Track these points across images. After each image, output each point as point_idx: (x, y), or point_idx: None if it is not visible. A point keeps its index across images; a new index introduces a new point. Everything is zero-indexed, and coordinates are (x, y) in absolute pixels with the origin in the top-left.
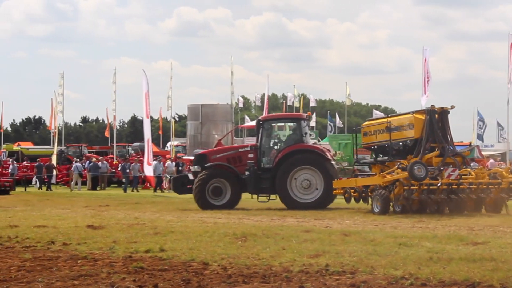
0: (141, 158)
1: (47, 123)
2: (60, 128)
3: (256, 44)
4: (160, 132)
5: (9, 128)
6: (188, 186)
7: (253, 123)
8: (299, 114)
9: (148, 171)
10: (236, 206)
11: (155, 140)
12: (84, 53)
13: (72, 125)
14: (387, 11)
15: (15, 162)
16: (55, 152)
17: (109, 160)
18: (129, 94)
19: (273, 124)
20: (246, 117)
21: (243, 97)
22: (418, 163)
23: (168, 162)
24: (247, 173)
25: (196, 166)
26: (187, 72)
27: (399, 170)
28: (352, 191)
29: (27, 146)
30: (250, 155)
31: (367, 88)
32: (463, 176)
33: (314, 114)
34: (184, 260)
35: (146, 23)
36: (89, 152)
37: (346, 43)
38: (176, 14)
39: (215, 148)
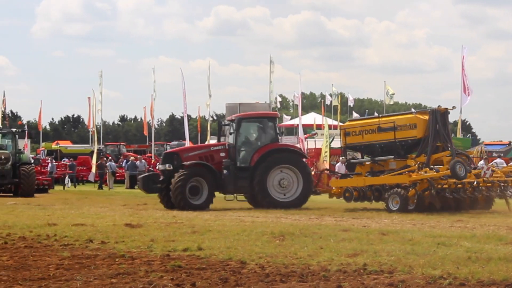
0: None
1: (86, 122)
2: (98, 126)
3: (295, 43)
4: (199, 131)
5: (48, 127)
6: (157, 185)
7: (293, 122)
8: (273, 113)
9: None
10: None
11: (193, 139)
12: (122, 52)
13: (111, 124)
14: (426, 10)
15: (54, 161)
16: (95, 151)
17: (147, 159)
18: (167, 93)
19: (248, 123)
20: (284, 116)
21: (280, 95)
22: (459, 162)
23: None
24: (225, 171)
25: (167, 165)
26: (225, 71)
27: (427, 169)
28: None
29: (65, 145)
30: (222, 154)
31: (406, 87)
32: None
33: (353, 113)
34: (222, 259)
35: (184, 22)
36: (127, 151)
37: (384, 42)
38: (214, 13)
39: (186, 146)
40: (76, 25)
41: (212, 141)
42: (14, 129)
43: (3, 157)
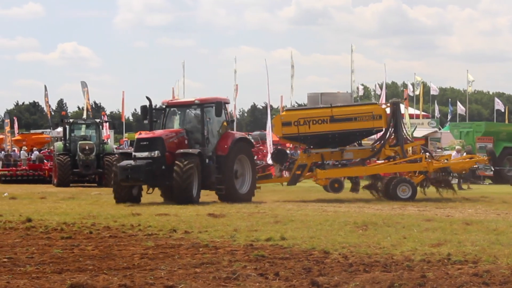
0: (261, 147)
1: None
2: None
3: (376, 31)
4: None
5: (130, 118)
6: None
7: None
8: (224, 98)
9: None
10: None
11: None
12: (204, 42)
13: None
14: None
15: None
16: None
17: None
18: (248, 83)
19: (207, 109)
20: None
21: (362, 85)
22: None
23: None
24: (207, 160)
25: (156, 152)
26: (306, 60)
27: (448, 156)
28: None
29: None
30: (185, 142)
31: (489, 75)
32: None
33: (435, 102)
34: (305, 249)
35: (265, 12)
36: None
37: (467, 29)
38: (295, 2)
39: (166, 131)
40: (158, 15)
41: None
42: (98, 120)
43: (87, 148)
